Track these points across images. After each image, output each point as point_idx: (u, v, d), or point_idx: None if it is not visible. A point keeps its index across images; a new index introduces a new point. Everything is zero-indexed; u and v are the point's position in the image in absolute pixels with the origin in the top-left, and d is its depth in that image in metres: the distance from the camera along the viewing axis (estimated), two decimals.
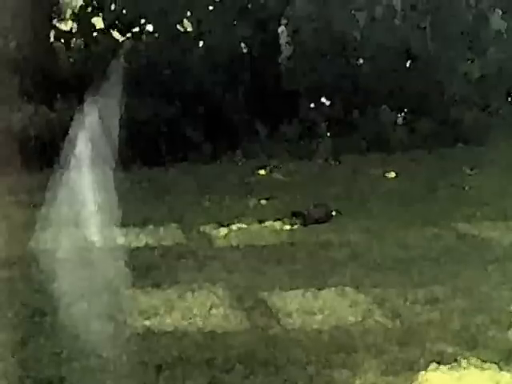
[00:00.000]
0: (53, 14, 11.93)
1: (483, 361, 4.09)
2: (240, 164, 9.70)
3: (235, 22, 11.29)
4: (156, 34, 11.44)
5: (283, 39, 12.01)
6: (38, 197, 7.42)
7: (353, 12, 11.21)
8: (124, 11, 11.58)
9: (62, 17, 12.79)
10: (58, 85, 10.65)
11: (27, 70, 10.57)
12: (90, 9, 11.61)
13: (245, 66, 11.09)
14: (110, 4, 11.49)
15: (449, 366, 4.07)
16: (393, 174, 8.75)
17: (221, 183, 8.68)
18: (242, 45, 11.56)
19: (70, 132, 8.40)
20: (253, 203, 7.68)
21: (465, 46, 11.14)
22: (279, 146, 10.41)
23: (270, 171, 9.20)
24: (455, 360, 4.14)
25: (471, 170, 8.83)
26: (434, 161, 9.54)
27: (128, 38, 11.55)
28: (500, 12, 11.23)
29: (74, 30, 11.74)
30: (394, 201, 7.70)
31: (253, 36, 11.27)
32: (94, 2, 11.54)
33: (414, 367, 4.07)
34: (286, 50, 11.81)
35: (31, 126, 9.81)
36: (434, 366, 4.06)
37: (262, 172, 9.14)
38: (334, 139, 10.34)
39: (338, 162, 9.54)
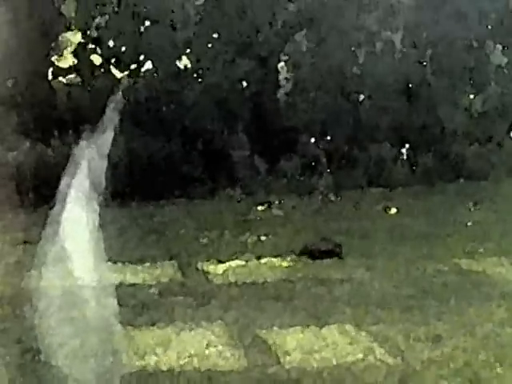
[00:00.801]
0: (51, 51, 12.07)
1: None
2: (239, 200, 9.72)
3: (235, 59, 11.41)
4: (155, 71, 11.55)
5: (283, 75, 12.12)
6: (32, 235, 7.44)
7: (352, 48, 11.34)
8: (122, 48, 11.70)
9: (61, 54, 12.92)
10: (56, 122, 10.73)
11: (24, 107, 10.65)
12: (88, 46, 11.73)
13: (244, 102, 11.17)
14: (109, 41, 11.62)
15: None
16: (394, 210, 8.75)
17: (219, 220, 8.67)
18: (242, 82, 11.68)
19: (64, 170, 8.46)
20: (252, 240, 7.67)
21: (465, 81, 11.24)
22: (279, 182, 10.44)
23: (269, 207, 9.21)
24: None
25: (474, 205, 8.83)
26: (435, 196, 9.54)
27: (128, 75, 11.65)
28: (500, 47, 11.34)
29: (72, 67, 11.86)
30: (396, 237, 7.67)
31: (252, 72, 11.37)
32: (93, 39, 11.67)
33: None
34: (286, 86, 11.91)
35: (27, 163, 9.87)
36: None
37: (261, 208, 9.15)
38: (335, 175, 10.38)
39: (338, 198, 9.56)
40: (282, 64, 11.85)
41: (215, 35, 11.12)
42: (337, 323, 5.26)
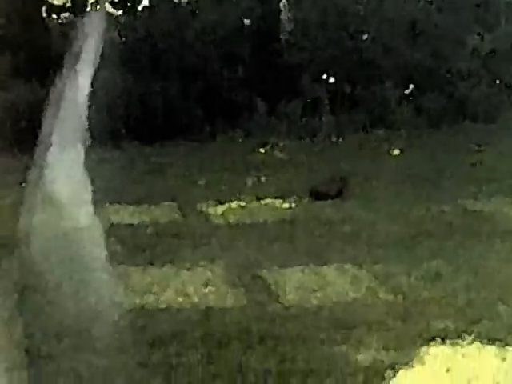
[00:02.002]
0: None
1: (488, 336, 4.13)
2: (239, 142, 9.71)
3: None
4: (152, 8, 11.41)
5: (285, 14, 11.98)
6: (28, 176, 7.46)
7: None
8: None
9: None
10: (50, 61, 10.64)
11: (18, 47, 10.56)
12: None
13: (245, 41, 11.07)
14: None
15: (452, 341, 4.11)
16: (397, 152, 8.75)
17: (219, 161, 8.68)
18: (243, 19, 11.54)
19: (60, 109, 8.41)
20: (252, 181, 7.70)
21: (473, 19, 11.12)
22: (280, 124, 10.41)
23: (271, 149, 9.21)
24: (459, 336, 4.16)
25: (479, 147, 8.83)
26: (440, 138, 9.53)
27: (124, 13, 11.51)
28: None
29: (66, 5, 11.72)
30: (399, 178, 7.69)
31: (254, 9, 11.24)
32: None
33: (416, 343, 4.10)
34: (288, 25, 11.78)
35: (22, 103, 9.83)
36: (437, 341, 4.10)
37: (262, 150, 9.14)
38: (337, 116, 10.34)
39: (341, 139, 9.55)
40: (284, 2, 11.75)
41: None
42: (337, 263, 5.33)
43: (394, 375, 3.72)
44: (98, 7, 11.77)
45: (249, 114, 10.41)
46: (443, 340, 4.12)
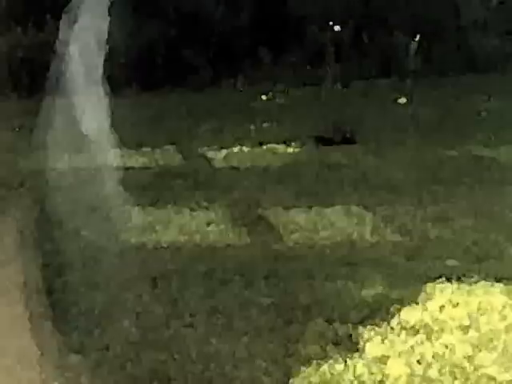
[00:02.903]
0: None
1: (495, 275, 4.15)
2: (242, 90, 9.66)
3: None
4: None
5: None
6: (29, 121, 7.45)
7: None
8: None
9: None
10: (47, 5, 10.56)
11: None
12: None
13: None
14: None
15: (459, 279, 4.13)
16: (404, 100, 8.72)
17: (221, 108, 8.65)
18: None
19: (60, 54, 8.36)
20: (255, 127, 7.68)
21: None
22: (284, 72, 10.36)
23: (274, 97, 9.17)
24: (465, 274, 4.18)
25: (488, 97, 8.79)
26: (447, 87, 9.48)
27: None
28: None
29: None
30: (405, 126, 7.67)
31: None
32: None
33: (422, 280, 4.13)
34: None
35: (19, 48, 9.78)
36: (443, 279, 4.13)
37: (265, 97, 9.10)
38: (343, 65, 10.28)
39: (346, 88, 9.50)
40: None
41: None
42: (342, 204, 5.36)
43: (400, 310, 3.77)
44: None
45: (252, 61, 10.37)
46: (449, 279, 4.19)
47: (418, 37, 10.70)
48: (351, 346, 3.43)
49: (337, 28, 10.72)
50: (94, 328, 3.62)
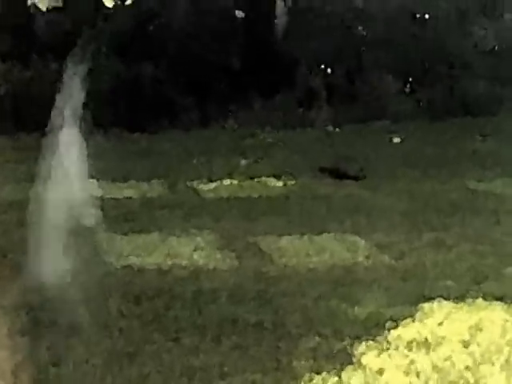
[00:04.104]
0: None
1: (494, 295, 4.07)
2: (232, 130, 9.65)
3: None
4: None
5: (280, 5, 12.00)
6: (15, 155, 7.45)
7: None
8: None
9: None
10: (34, 43, 10.63)
11: (1, 29, 10.54)
12: None
13: (238, 31, 11.06)
14: None
15: (456, 299, 4.05)
16: (398, 139, 8.72)
17: (210, 146, 8.62)
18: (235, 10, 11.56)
19: (46, 92, 8.39)
20: (245, 162, 7.64)
21: (477, 11, 11.16)
22: (275, 115, 10.37)
23: (264, 137, 9.16)
24: (463, 295, 4.11)
25: (482, 136, 8.82)
26: (441, 128, 9.50)
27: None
28: None
29: None
30: (400, 162, 7.64)
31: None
32: None
33: (418, 300, 4.04)
34: (283, 16, 11.80)
35: (5, 84, 9.79)
36: (440, 299, 4.04)
37: (255, 137, 9.09)
38: (335, 107, 10.32)
39: (337, 129, 9.51)
40: None
41: None
42: (335, 232, 5.29)
43: (397, 326, 3.68)
44: None
45: (242, 103, 10.39)
46: (447, 299, 4.11)
47: (410, 80, 10.84)
48: (346, 360, 3.34)
49: (328, 71, 10.83)
50: (74, 342, 3.53)
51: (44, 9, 11.82)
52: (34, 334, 3.62)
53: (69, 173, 6.58)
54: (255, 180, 6.92)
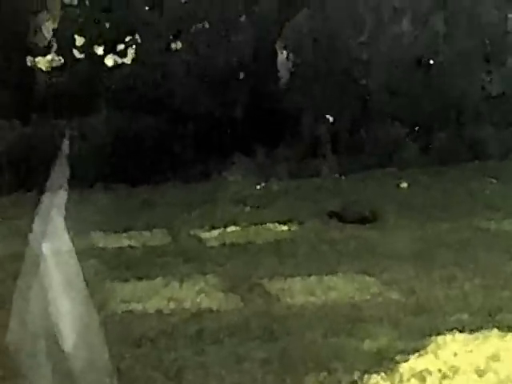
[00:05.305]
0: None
1: (509, 326, 3.98)
2: (235, 181, 9.65)
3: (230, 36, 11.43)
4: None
5: (281, 56, 12.14)
6: (12, 212, 7.45)
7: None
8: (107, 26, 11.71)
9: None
10: (34, 102, 10.73)
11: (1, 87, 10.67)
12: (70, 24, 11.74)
13: (240, 83, 11.17)
14: (93, 19, 11.64)
15: (470, 331, 3.96)
16: (405, 185, 8.70)
17: (213, 196, 8.59)
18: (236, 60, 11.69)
19: (45, 150, 8.47)
20: (248, 210, 7.61)
21: (482, 56, 11.25)
22: (279, 166, 10.40)
23: (268, 186, 9.15)
24: (478, 328, 4.02)
25: (492, 178, 8.80)
26: (449, 173, 9.48)
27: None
28: None
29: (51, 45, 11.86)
30: (408, 206, 7.60)
31: (247, 50, 11.39)
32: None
33: (431, 334, 3.96)
34: (285, 68, 11.92)
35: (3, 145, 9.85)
36: (453, 332, 3.95)
37: (258, 187, 9.08)
38: (340, 157, 10.33)
39: (343, 177, 9.51)
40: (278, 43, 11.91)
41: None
42: (343, 272, 5.22)
43: (408, 359, 3.58)
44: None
45: (246, 154, 10.43)
46: (461, 331, 4.02)
47: (416, 126, 10.88)
48: None
49: (332, 120, 10.89)
50: None
51: (45, 69, 11.98)
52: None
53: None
54: (260, 226, 6.92)
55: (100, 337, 3.86)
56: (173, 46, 12.09)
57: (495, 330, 3.90)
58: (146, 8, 11.23)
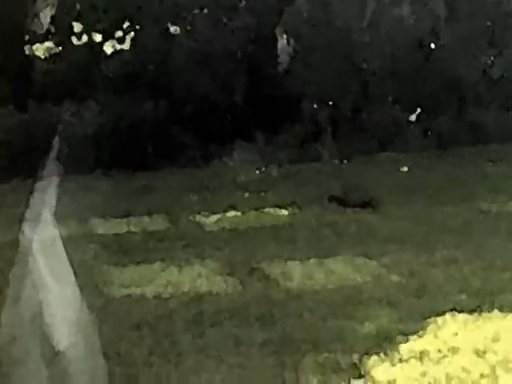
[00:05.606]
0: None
1: (510, 307, 3.97)
2: (235, 167, 9.64)
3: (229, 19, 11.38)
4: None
5: (281, 41, 12.10)
6: (9, 200, 7.44)
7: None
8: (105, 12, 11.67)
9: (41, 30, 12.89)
10: (32, 89, 10.71)
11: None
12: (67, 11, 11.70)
13: (240, 64, 11.13)
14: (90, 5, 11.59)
15: (470, 312, 3.95)
16: (406, 168, 8.69)
17: (213, 182, 8.58)
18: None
19: (43, 137, 8.45)
20: (248, 195, 7.61)
21: (483, 40, 11.21)
22: (279, 151, 10.37)
23: (269, 171, 9.14)
24: (477, 307, 4.02)
25: (492, 162, 8.78)
26: (450, 157, 9.45)
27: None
28: None
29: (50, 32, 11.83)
30: (409, 189, 7.59)
31: (247, 35, 11.35)
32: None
33: (432, 314, 3.95)
34: (286, 52, 11.88)
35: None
36: (453, 312, 3.95)
37: (259, 172, 9.07)
38: (341, 141, 10.31)
39: (344, 161, 9.49)
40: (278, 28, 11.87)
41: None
42: (343, 255, 5.22)
43: (408, 340, 3.58)
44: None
45: (245, 140, 10.41)
46: (461, 312, 4.02)
47: (417, 110, 10.86)
48: (355, 374, 3.24)
49: (333, 104, 10.86)
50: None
51: (43, 56, 11.93)
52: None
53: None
54: (259, 211, 6.91)
55: (88, 323, 3.85)
56: (172, 31, 12.14)
57: (496, 311, 3.91)
58: None
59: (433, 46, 11.65)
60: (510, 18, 11.47)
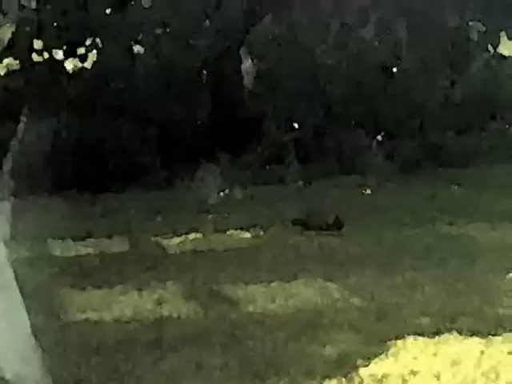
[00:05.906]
0: None
1: (469, 330, 4.02)
2: (198, 188, 9.65)
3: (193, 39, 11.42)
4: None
5: (246, 62, 12.17)
6: None
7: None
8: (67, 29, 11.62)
9: None
10: None
11: None
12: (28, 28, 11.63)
13: (204, 84, 11.17)
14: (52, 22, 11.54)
15: (430, 335, 3.99)
16: (369, 191, 8.77)
17: (176, 204, 8.58)
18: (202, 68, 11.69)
19: (1, 154, 8.39)
20: (211, 216, 7.61)
21: (446, 65, 11.37)
22: (242, 173, 10.42)
23: (231, 193, 9.16)
24: (438, 330, 4.06)
25: (456, 186, 8.90)
26: (413, 180, 9.54)
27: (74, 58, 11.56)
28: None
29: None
30: (372, 212, 7.63)
31: (212, 54, 11.39)
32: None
33: (392, 339, 3.98)
34: (250, 74, 11.95)
35: None
36: (414, 336, 3.98)
37: (222, 194, 9.09)
38: (304, 163, 10.37)
39: (308, 184, 9.55)
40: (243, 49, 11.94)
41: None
42: (305, 278, 5.24)
43: (369, 364, 3.61)
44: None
45: (209, 161, 10.43)
46: (419, 335, 4.06)
47: (380, 134, 10.97)
48: None
49: (297, 127, 10.94)
50: None
51: (2, 73, 11.83)
52: None
53: None
54: (222, 233, 6.92)
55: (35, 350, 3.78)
56: (135, 50, 12.15)
57: (455, 334, 3.97)
58: (108, 11, 11.25)
59: (395, 69, 11.84)
60: (469, 42, 11.71)
